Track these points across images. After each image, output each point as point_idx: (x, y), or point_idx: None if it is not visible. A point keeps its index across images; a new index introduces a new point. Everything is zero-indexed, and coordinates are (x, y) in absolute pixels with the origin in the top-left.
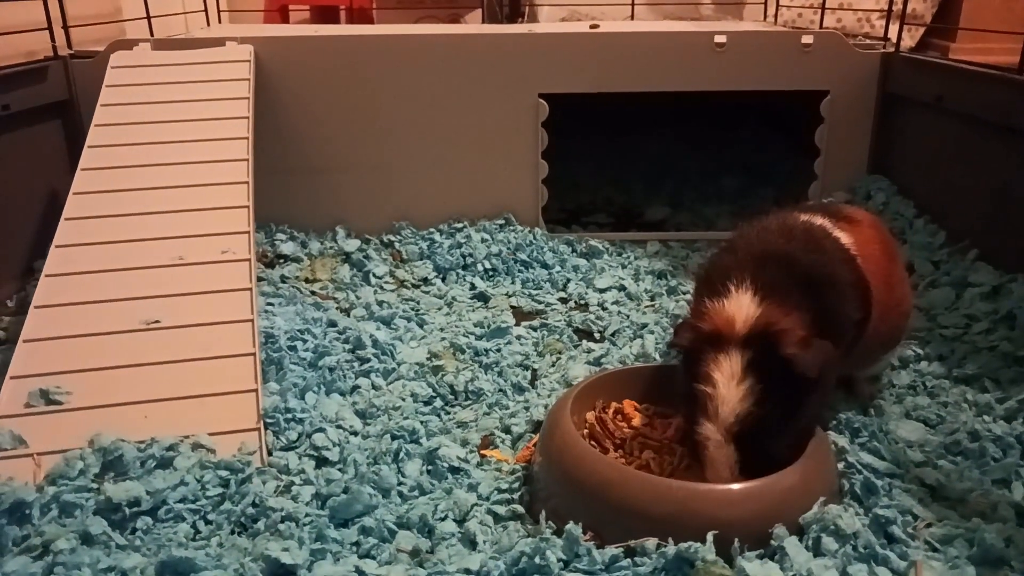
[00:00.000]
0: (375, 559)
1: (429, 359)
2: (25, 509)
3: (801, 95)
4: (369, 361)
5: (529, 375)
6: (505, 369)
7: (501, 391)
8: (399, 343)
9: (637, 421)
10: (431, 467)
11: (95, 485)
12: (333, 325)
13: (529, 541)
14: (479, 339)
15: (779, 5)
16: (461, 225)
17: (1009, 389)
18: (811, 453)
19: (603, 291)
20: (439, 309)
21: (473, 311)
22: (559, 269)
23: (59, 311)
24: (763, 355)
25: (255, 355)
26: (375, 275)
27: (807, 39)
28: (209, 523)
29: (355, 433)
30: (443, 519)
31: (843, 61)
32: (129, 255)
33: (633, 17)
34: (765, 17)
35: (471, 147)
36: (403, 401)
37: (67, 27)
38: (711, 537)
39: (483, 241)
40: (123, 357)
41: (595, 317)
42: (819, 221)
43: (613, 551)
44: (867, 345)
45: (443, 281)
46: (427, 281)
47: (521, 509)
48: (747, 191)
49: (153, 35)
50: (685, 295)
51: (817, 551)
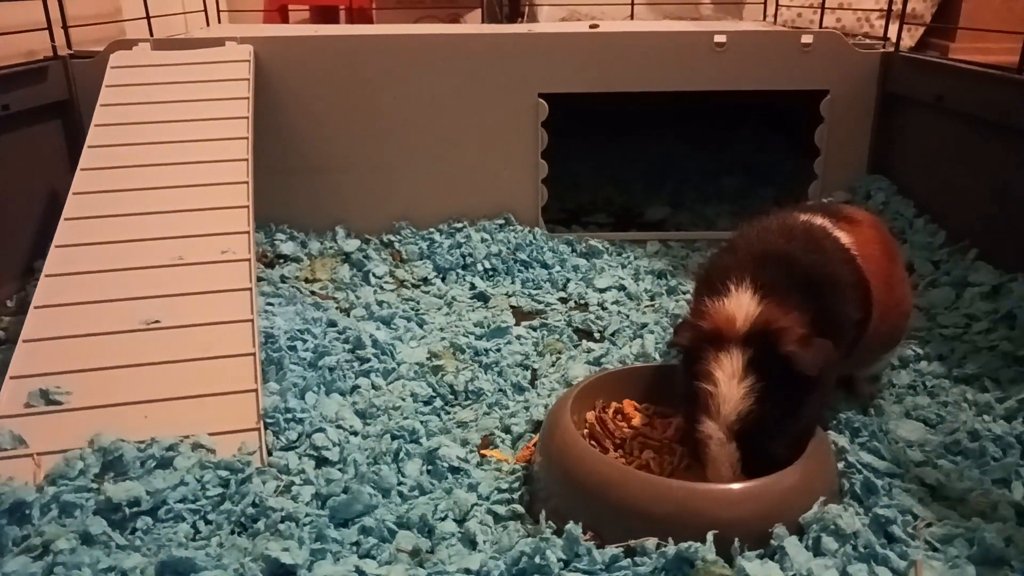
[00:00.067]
0: (375, 559)
1: (429, 359)
2: (25, 509)
3: (801, 95)
4: (369, 361)
5: (529, 375)
6: (505, 369)
7: (501, 391)
8: (399, 343)
9: (637, 421)
10: (431, 467)
11: (95, 485)
12: (333, 325)
13: (529, 541)
14: (479, 339)
15: (779, 5)
16: (461, 225)
17: (1009, 389)
18: (811, 453)
19: (603, 291)
20: (439, 309)
21: (473, 311)
22: (559, 269)
23: (59, 311)
24: (763, 354)
25: (255, 355)
26: (375, 275)
27: (807, 39)
28: (209, 523)
29: (355, 433)
30: (443, 519)
31: (843, 61)
32: (129, 255)
33: (633, 17)
34: (765, 17)
35: (471, 147)
36: (403, 401)
37: (67, 27)
38: (711, 537)
39: (483, 241)
40: (123, 357)
41: (595, 317)
42: (819, 221)
43: (613, 551)
44: (867, 345)
45: (443, 281)
46: (427, 281)
47: (521, 509)
48: (747, 191)
49: (153, 35)
50: (685, 295)
51: (817, 551)
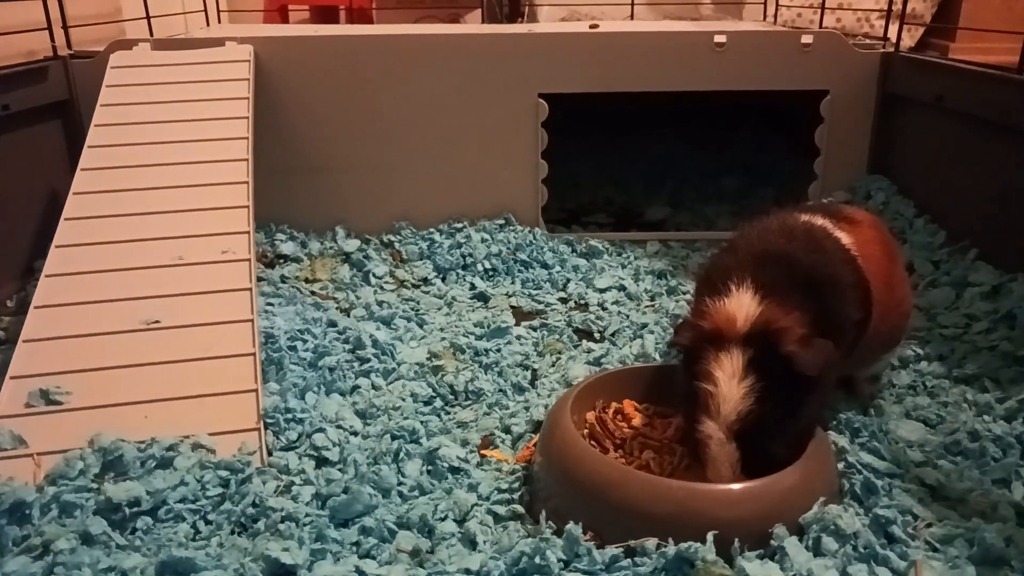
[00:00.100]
0: (375, 559)
1: (429, 359)
2: (25, 509)
3: (801, 95)
4: (369, 361)
5: (529, 375)
6: (505, 369)
7: (501, 391)
8: (399, 343)
9: (637, 421)
10: (431, 467)
11: (95, 485)
12: (333, 325)
13: (529, 541)
14: (479, 339)
15: (779, 5)
16: (461, 225)
17: (1009, 389)
18: (811, 453)
19: (603, 291)
20: (439, 309)
21: (473, 311)
22: (559, 269)
23: (59, 311)
24: (764, 353)
25: (255, 355)
26: (375, 275)
27: (807, 39)
28: (209, 523)
29: (355, 433)
30: (443, 519)
31: (843, 61)
32: (129, 255)
33: (633, 17)
34: (765, 17)
35: (471, 147)
36: (403, 401)
37: (67, 27)
38: (711, 537)
39: (483, 241)
40: (123, 357)
41: (595, 317)
42: (820, 221)
43: (613, 551)
44: (867, 345)
45: (443, 281)
46: (427, 281)
47: (521, 509)
48: (747, 191)
49: (153, 35)
50: (685, 295)
51: (817, 551)
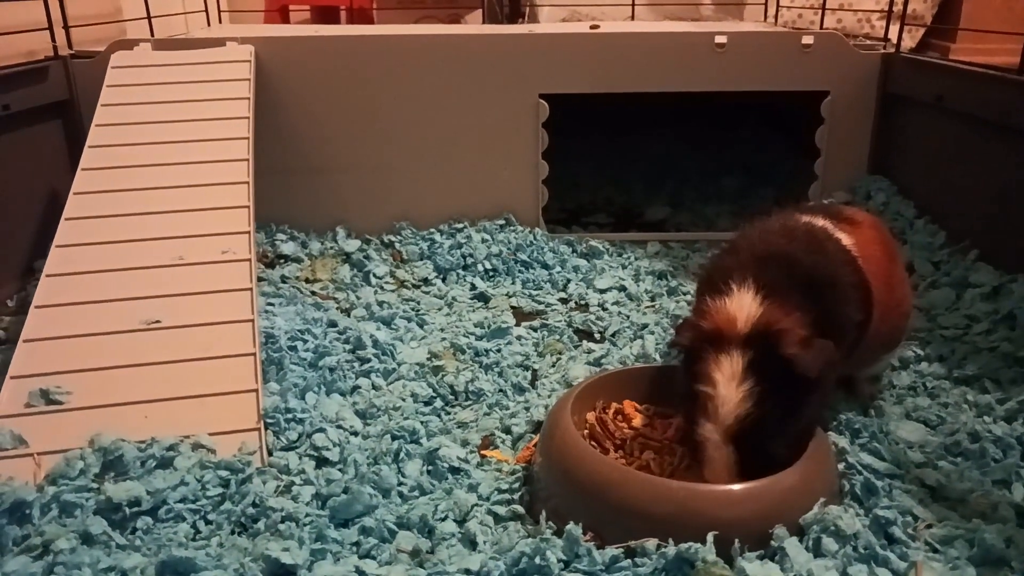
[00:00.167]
0: (375, 559)
1: (429, 359)
2: (25, 509)
3: (801, 95)
4: (369, 361)
5: (529, 375)
6: (505, 369)
7: (501, 391)
8: (399, 343)
9: (637, 421)
10: (431, 467)
11: (95, 485)
12: (333, 325)
13: (529, 541)
14: (479, 339)
15: (779, 6)
16: (461, 225)
17: (1009, 390)
18: (811, 454)
19: (603, 291)
20: (439, 309)
21: (473, 311)
22: (559, 269)
23: (59, 311)
24: (764, 355)
25: (255, 355)
26: (375, 275)
27: (807, 39)
28: (209, 523)
29: (355, 433)
30: (443, 519)
31: (843, 62)
32: (129, 255)
33: (633, 17)
34: (765, 18)
35: (471, 147)
36: (403, 401)
37: (67, 27)
38: (711, 537)
39: (483, 241)
40: (123, 357)
41: (595, 317)
42: (821, 222)
43: (613, 551)
44: (868, 346)
45: (443, 281)
46: (427, 281)
47: (521, 509)
48: (747, 191)
49: (153, 35)
50: (685, 295)
51: (817, 552)
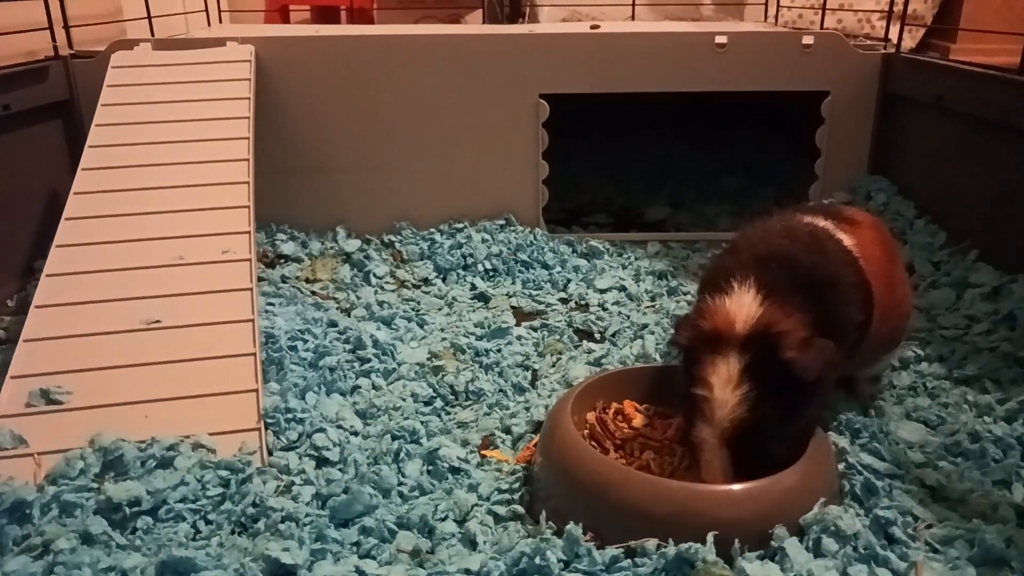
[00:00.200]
0: (375, 559)
1: (429, 359)
2: (25, 509)
3: (801, 95)
4: (369, 361)
5: (529, 375)
6: (505, 369)
7: (501, 391)
8: (399, 343)
9: (637, 421)
10: (431, 467)
11: (95, 485)
12: (333, 325)
13: (529, 541)
14: (479, 339)
15: (780, 6)
16: (462, 225)
17: (1010, 390)
18: (811, 454)
19: (603, 291)
20: (439, 309)
21: (473, 311)
22: (559, 269)
23: (59, 311)
24: (762, 357)
25: (255, 355)
26: (376, 275)
27: (808, 40)
28: (209, 523)
29: (355, 433)
30: (443, 519)
31: (844, 62)
32: (129, 255)
33: (634, 17)
34: (766, 18)
35: (472, 147)
36: (403, 401)
37: (68, 27)
38: (711, 538)
39: (483, 241)
40: (123, 357)
41: (595, 317)
42: (822, 223)
43: (613, 551)
44: (868, 346)
45: (443, 281)
46: (427, 281)
47: (521, 509)
48: (747, 191)
49: (154, 35)
50: (686, 296)
51: (817, 552)
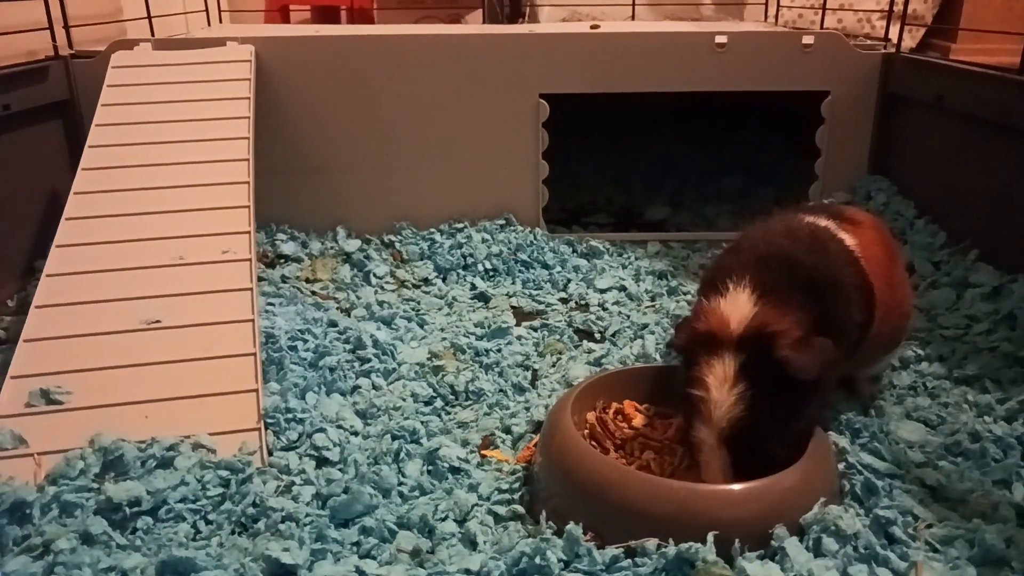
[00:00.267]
0: (375, 559)
1: (430, 359)
2: (26, 509)
3: (802, 95)
4: (370, 361)
5: (530, 375)
6: (506, 369)
7: (502, 391)
8: (400, 343)
9: (638, 421)
10: (431, 467)
11: (96, 485)
12: (334, 325)
13: (530, 541)
14: (480, 339)
15: (780, 5)
16: (462, 225)
17: (1010, 390)
18: (811, 454)
19: (603, 291)
20: (440, 309)
21: (474, 311)
22: (560, 269)
23: (60, 311)
24: (758, 357)
25: (256, 355)
26: (376, 275)
27: (808, 39)
28: (209, 523)
29: (355, 433)
30: (443, 519)
31: (844, 61)
32: (130, 255)
33: (634, 17)
34: (766, 18)
35: (472, 147)
36: (403, 401)
37: (68, 27)
38: (711, 537)
39: (484, 241)
40: (124, 357)
41: (595, 317)
42: (824, 223)
43: (614, 551)
44: (868, 346)
45: (444, 281)
46: (428, 281)
47: (521, 509)
48: (747, 191)
49: (154, 35)
50: (686, 295)
51: (818, 552)
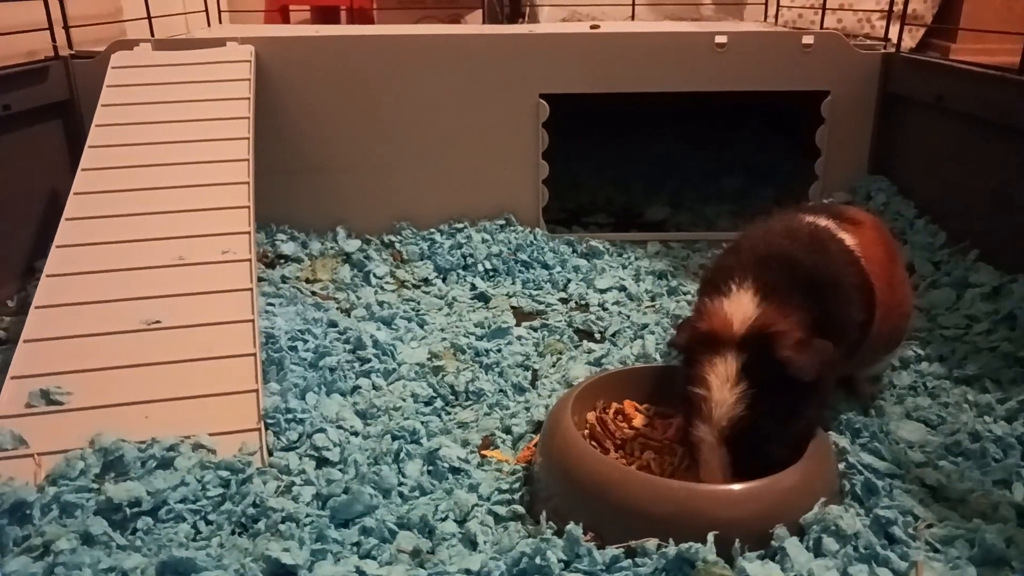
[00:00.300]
0: (376, 559)
1: (430, 359)
2: (26, 509)
3: (801, 95)
4: (370, 361)
5: (530, 375)
6: (506, 369)
7: (502, 391)
8: (400, 343)
9: (638, 421)
10: (432, 467)
11: (96, 485)
12: (334, 325)
13: (530, 541)
14: (480, 339)
15: (780, 5)
16: (462, 225)
17: (1010, 389)
18: (812, 454)
19: (603, 291)
20: (440, 309)
21: (474, 311)
22: (559, 269)
23: (60, 311)
24: (759, 357)
25: (256, 355)
26: (376, 275)
27: (808, 39)
28: (210, 523)
29: (356, 433)
30: (444, 519)
31: (843, 61)
32: (130, 255)
33: (634, 17)
34: (766, 17)
35: (472, 147)
36: (404, 401)
37: (68, 27)
38: (712, 537)
39: (484, 241)
40: (124, 357)
41: (595, 317)
42: (824, 223)
43: (614, 551)
44: (869, 346)
45: (444, 281)
46: (428, 281)
47: (522, 509)
48: (747, 191)
49: (154, 35)
50: (686, 295)
51: (818, 551)
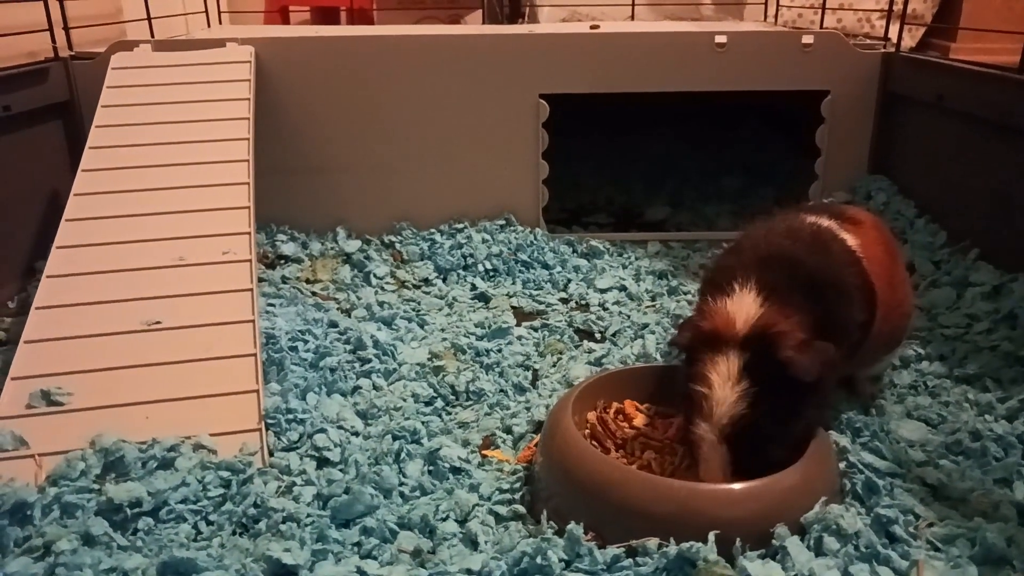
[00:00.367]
0: (376, 559)
1: (430, 359)
2: (27, 510)
3: (801, 95)
4: (370, 362)
5: (530, 375)
6: (506, 369)
7: (502, 391)
8: (400, 344)
9: (638, 421)
10: (432, 467)
11: (96, 486)
12: (334, 326)
13: (531, 541)
14: (480, 339)
15: (779, 5)
16: (462, 225)
17: (1010, 389)
18: (812, 453)
19: (604, 291)
20: (440, 310)
21: (474, 311)
22: (560, 269)
23: (60, 312)
24: (761, 357)
25: (256, 356)
26: (376, 276)
27: (807, 39)
28: (210, 524)
29: (356, 434)
30: (444, 519)
31: (843, 61)
32: (130, 256)
33: (633, 17)
34: (765, 17)
35: (472, 147)
36: (404, 401)
37: (68, 28)
38: (713, 537)
39: (484, 241)
40: (124, 358)
41: (596, 317)
42: (825, 223)
43: (615, 551)
44: (869, 346)
45: (444, 281)
46: (428, 282)
47: (522, 509)
48: (747, 191)
49: (154, 36)
50: (686, 295)
51: (819, 551)
